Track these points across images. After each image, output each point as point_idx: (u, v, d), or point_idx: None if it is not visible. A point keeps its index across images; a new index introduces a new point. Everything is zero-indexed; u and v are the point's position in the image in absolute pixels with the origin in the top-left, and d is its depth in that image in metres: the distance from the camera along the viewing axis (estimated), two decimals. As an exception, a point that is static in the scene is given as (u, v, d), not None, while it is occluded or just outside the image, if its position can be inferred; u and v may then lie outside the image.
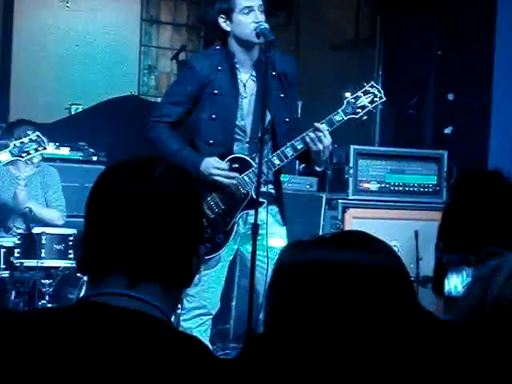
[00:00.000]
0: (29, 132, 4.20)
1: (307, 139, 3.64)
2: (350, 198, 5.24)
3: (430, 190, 5.41)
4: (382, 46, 6.80)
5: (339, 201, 5.21)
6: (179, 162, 3.49)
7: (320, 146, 3.64)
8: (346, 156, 5.34)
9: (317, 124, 3.65)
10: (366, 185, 5.35)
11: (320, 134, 3.63)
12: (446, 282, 1.92)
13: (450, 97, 6.15)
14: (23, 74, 6.83)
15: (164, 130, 3.71)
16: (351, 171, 5.29)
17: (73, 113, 6.60)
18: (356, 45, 6.99)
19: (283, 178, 4.53)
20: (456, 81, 6.14)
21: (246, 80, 3.76)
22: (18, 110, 6.45)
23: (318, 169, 3.84)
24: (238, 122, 3.73)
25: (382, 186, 5.37)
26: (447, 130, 6.14)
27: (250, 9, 3.65)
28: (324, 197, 5.35)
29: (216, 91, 3.70)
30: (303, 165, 5.30)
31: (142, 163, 1.48)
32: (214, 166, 3.64)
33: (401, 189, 5.43)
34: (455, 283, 1.92)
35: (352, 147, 5.28)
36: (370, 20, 6.97)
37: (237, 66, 3.73)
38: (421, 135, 6.33)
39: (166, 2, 7.24)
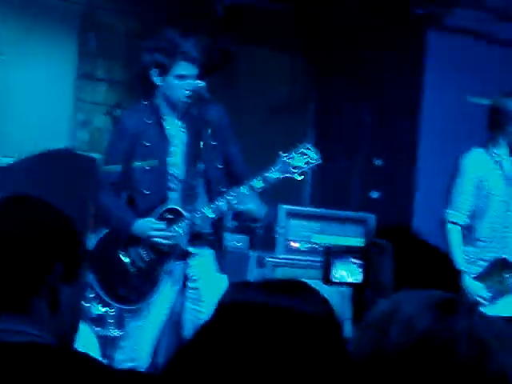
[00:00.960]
0: None
1: (240, 196, 3.71)
2: (279, 256, 5.30)
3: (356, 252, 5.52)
4: (315, 110, 7.00)
5: (268, 259, 5.27)
6: (112, 219, 3.54)
7: (250, 205, 3.71)
8: (275, 215, 5.42)
9: (251, 181, 3.72)
10: (294, 244, 5.43)
11: (252, 192, 3.70)
12: (334, 270, 2.01)
13: (378, 162, 6.33)
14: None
15: (104, 190, 3.77)
16: (281, 230, 5.36)
17: (5, 165, 6.53)
18: (290, 108, 7.17)
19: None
20: (384, 147, 6.34)
21: (175, 131, 3.83)
22: None
23: (252, 225, 3.94)
24: (170, 171, 3.79)
25: (311, 245, 5.45)
26: (374, 195, 6.30)
27: (185, 77, 3.74)
28: (252, 255, 5.39)
29: (147, 144, 3.76)
30: (234, 222, 5.36)
31: (6, 202, 1.60)
32: (151, 228, 3.68)
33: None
34: (341, 273, 2.01)
35: (282, 206, 5.37)
36: (304, 85, 7.16)
37: (164, 117, 3.81)
38: (349, 198, 6.47)
39: (102, 58, 7.30)
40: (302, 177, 3.90)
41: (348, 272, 2.00)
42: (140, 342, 3.69)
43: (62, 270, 1.53)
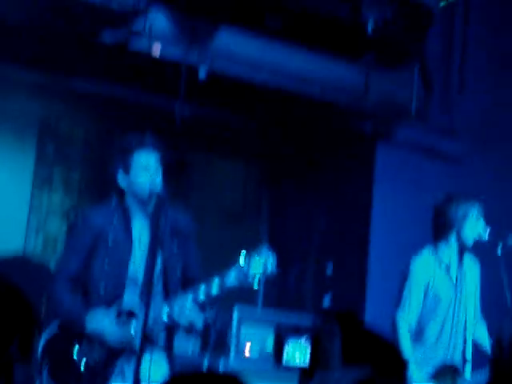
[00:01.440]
0: None
1: (174, 312, 3.75)
2: (231, 364, 5.28)
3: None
4: (268, 217, 7.15)
5: (220, 365, 5.25)
6: (64, 315, 3.55)
7: (184, 320, 3.77)
8: (228, 319, 5.44)
9: (185, 297, 3.77)
10: (247, 350, 5.42)
11: (182, 310, 3.75)
12: (285, 351, 2.05)
13: (329, 267, 6.46)
14: None
15: (60, 284, 3.78)
16: (232, 335, 5.37)
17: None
18: (243, 217, 7.31)
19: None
20: (335, 251, 6.49)
21: (139, 230, 3.90)
22: None
23: (205, 325, 3.96)
24: (130, 273, 3.84)
25: (264, 352, 5.45)
26: (326, 302, 6.39)
27: (146, 167, 3.86)
28: (205, 360, 5.37)
29: (109, 240, 3.82)
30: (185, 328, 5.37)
31: None
32: (106, 323, 3.69)
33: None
34: (290, 351, 2.06)
35: (235, 311, 5.40)
36: (258, 193, 7.34)
37: (130, 219, 3.88)
38: (301, 302, 6.55)
39: (59, 165, 7.41)
40: (258, 286, 3.92)
41: (299, 353, 2.07)
42: None
43: (17, 346, 1.55)
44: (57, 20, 5.03)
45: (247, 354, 5.37)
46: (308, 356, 1.98)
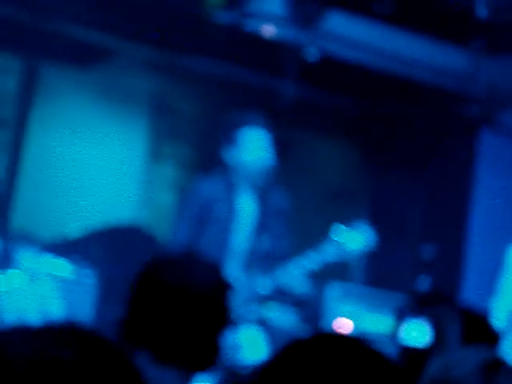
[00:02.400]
0: (51, 260, 4.23)
1: (282, 278, 3.86)
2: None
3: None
4: (369, 199, 7.22)
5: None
6: None
7: (293, 286, 3.86)
8: (323, 293, 5.54)
9: (290, 266, 3.87)
10: (342, 323, 5.53)
11: (291, 276, 3.85)
12: (404, 330, 2.06)
13: (427, 250, 6.48)
14: (28, 196, 7.15)
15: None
16: (327, 310, 5.48)
17: (70, 234, 6.86)
18: (344, 197, 7.39)
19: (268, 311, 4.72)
20: (434, 234, 6.50)
21: (246, 207, 4.02)
22: (18, 226, 6.72)
23: (303, 299, 4.04)
24: (233, 243, 3.98)
25: (357, 327, 5.56)
26: (423, 281, 6.41)
27: (255, 143, 3.96)
28: (302, 333, 5.53)
29: (215, 214, 3.95)
30: (285, 300, 5.53)
31: (188, 263, 1.81)
32: None
33: (373, 333, 5.61)
34: (409, 331, 2.06)
35: (330, 286, 5.49)
36: (359, 174, 7.41)
37: (237, 193, 4.00)
38: (398, 283, 6.60)
39: (171, 139, 7.67)
40: (355, 260, 4.00)
41: (418, 333, 2.04)
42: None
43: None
44: (172, 0, 5.26)
45: (341, 330, 5.48)
46: (427, 337, 2.02)
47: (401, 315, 2.04)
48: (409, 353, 1.99)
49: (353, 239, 3.95)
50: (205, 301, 1.76)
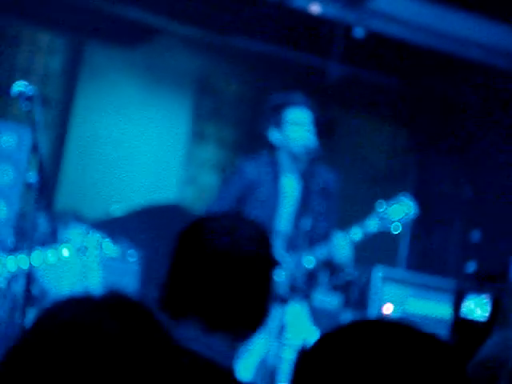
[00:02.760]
0: (99, 235, 4.26)
1: (331, 249, 3.83)
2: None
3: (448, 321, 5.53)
4: (414, 181, 7.12)
5: (360, 320, 5.35)
6: None
7: (342, 257, 3.82)
8: (370, 277, 5.52)
9: (339, 236, 3.84)
10: (386, 308, 5.50)
11: (341, 245, 3.82)
12: (465, 305, 2.01)
13: (476, 235, 6.38)
14: (73, 173, 7.21)
15: None
16: (373, 293, 5.45)
17: (113, 212, 6.90)
18: (388, 179, 7.31)
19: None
20: (482, 219, 6.40)
21: (290, 185, 3.99)
22: (64, 205, 6.78)
23: (342, 279, 4.01)
24: (277, 223, 3.95)
25: (402, 311, 5.51)
26: (471, 268, 6.32)
27: (300, 123, 3.93)
28: (344, 314, 5.49)
29: (259, 195, 3.93)
30: (331, 281, 5.49)
31: (232, 222, 1.70)
32: None
33: (419, 317, 5.56)
34: (470, 306, 2.02)
35: (377, 269, 5.47)
36: (404, 156, 7.31)
37: (282, 174, 3.97)
38: (444, 268, 6.52)
39: (213, 119, 7.67)
40: (399, 230, 3.97)
41: (477, 307, 2.00)
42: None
43: None
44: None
45: (386, 311, 5.44)
46: (488, 312, 1.97)
47: (460, 295, 1.98)
48: (468, 327, 1.93)
49: (396, 210, 3.94)
50: (251, 260, 1.65)
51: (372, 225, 3.92)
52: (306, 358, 1.06)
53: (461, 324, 2.05)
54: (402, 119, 7.06)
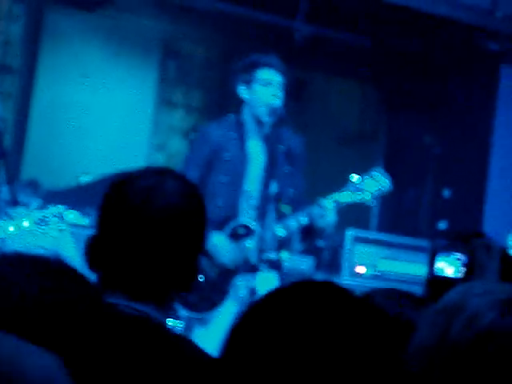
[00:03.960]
0: (59, 206, 4.26)
1: (313, 215, 3.79)
2: (344, 281, 5.36)
3: (423, 280, 5.54)
4: (384, 141, 7.08)
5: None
6: None
7: (325, 222, 3.79)
8: (341, 239, 5.50)
9: (323, 200, 3.80)
10: (360, 269, 5.49)
11: (325, 210, 3.78)
12: (436, 264, 1.99)
13: (446, 193, 6.37)
14: (38, 142, 7.08)
15: None
16: (347, 254, 5.44)
17: (82, 181, 6.80)
18: (359, 139, 7.27)
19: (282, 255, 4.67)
20: (452, 177, 6.38)
21: (255, 149, 3.95)
22: (29, 176, 6.66)
23: (320, 245, 3.99)
24: (245, 187, 3.90)
25: (375, 271, 5.51)
26: (442, 225, 6.33)
27: (269, 82, 3.88)
28: (317, 277, 5.48)
29: (226, 156, 3.89)
30: (302, 244, 5.47)
31: (152, 177, 1.57)
32: (222, 244, 3.79)
33: (392, 277, 5.57)
34: (442, 266, 2.00)
35: (349, 231, 5.45)
36: (374, 116, 7.26)
37: (247, 134, 3.93)
38: (417, 226, 6.51)
39: (181, 85, 7.56)
40: (373, 202, 3.95)
41: (449, 265, 1.99)
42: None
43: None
44: None
45: (359, 271, 5.43)
46: (459, 270, 1.94)
47: (434, 254, 1.95)
48: (442, 285, 1.90)
49: (370, 184, 3.91)
50: (174, 217, 1.52)
51: (345, 196, 3.89)
52: (235, 330, 1.04)
53: (434, 282, 2.02)
54: (371, 79, 7.00)
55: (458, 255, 2.00)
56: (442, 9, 5.59)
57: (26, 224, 4.01)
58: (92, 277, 1.38)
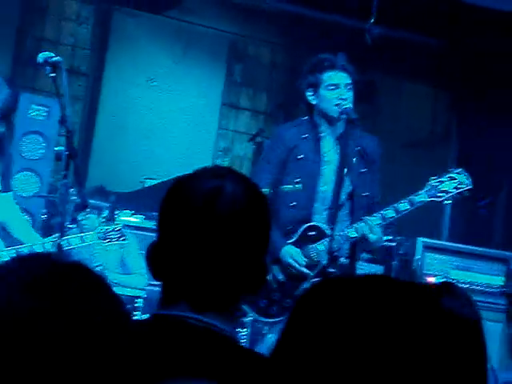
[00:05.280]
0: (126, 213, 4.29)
1: (358, 230, 3.70)
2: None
3: (496, 290, 5.32)
4: (457, 144, 6.88)
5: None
6: None
7: (368, 238, 3.69)
8: (412, 248, 5.34)
9: (367, 218, 3.70)
10: (431, 279, 5.32)
11: (368, 227, 3.67)
12: None
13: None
14: (104, 145, 7.10)
15: None
16: (418, 264, 5.27)
17: (146, 185, 6.79)
18: (430, 142, 7.09)
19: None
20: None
21: (329, 150, 3.86)
22: (95, 178, 6.68)
23: (368, 255, 3.89)
24: (319, 188, 3.82)
25: (447, 280, 5.34)
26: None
27: (336, 86, 3.78)
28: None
29: (300, 157, 3.81)
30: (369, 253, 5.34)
31: (213, 178, 1.46)
32: (292, 256, 3.73)
33: (466, 286, 5.39)
34: None
35: (419, 240, 5.28)
36: (446, 120, 7.07)
37: (320, 135, 3.85)
38: (490, 235, 6.29)
39: (247, 88, 7.49)
40: (450, 201, 3.81)
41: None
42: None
43: None
44: None
45: (431, 279, 5.26)
46: None
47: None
48: None
49: (448, 181, 3.77)
50: (239, 221, 1.42)
51: (422, 196, 3.76)
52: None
53: None
54: (443, 80, 6.81)
55: None
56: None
57: (90, 238, 4.07)
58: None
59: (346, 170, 3.70)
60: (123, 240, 4.26)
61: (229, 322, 1.44)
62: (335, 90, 3.78)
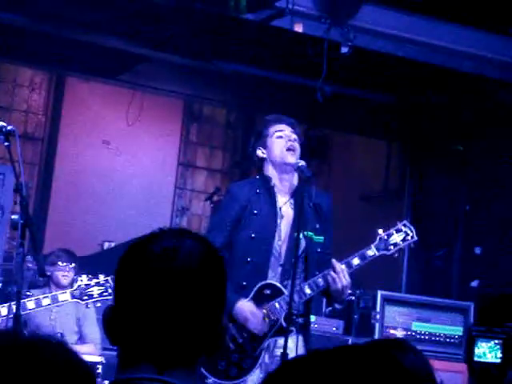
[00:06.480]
0: (100, 276, 4.24)
1: (328, 278, 3.70)
2: (376, 343, 5.22)
3: (456, 341, 5.36)
4: (410, 198, 6.97)
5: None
6: None
7: (339, 286, 3.69)
8: (372, 301, 5.36)
9: (336, 264, 3.71)
10: (392, 331, 5.34)
11: (338, 274, 3.68)
12: (476, 349, 1.93)
13: (477, 250, 6.23)
14: (60, 209, 7.06)
15: None
16: (378, 317, 5.29)
17: (105, 248, 6.74)
18: (384, 196, 7.17)
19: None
20: (483, 235, 6.23)
21: (284, 204, 3.87)
22: (52, 242, 6.61)
23: (337, 306, 3.87)
24: (275, 243, 3.81)
25: (408, 333, 5.36)
26: (474, 283, 6.16)
27: (284, 135, 3.84)
28: (350, 340, 5.32)
29: (255, 211, 3.81)
30: (329, 308, 5.34)
31: (170, 239, 1.47)
32: (250, 311, 3.70)
33: (426, 338, 5.41)
34: (484, 350, 1.94)
35: (379, 293, 5.31)
36: (399, 173, 7.17)
37: (275, 189, 3.87)
38: (447, 286, 6.35)
39: (203, 148, 7.55)
40: (397, 255, 3.87)
41: (489, 351, 1.94)
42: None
43: None
44: (195, 1, 5.09)
45: (392, 334, 5.27)
46: (499, 356, 1.87)
47: (471, 339, 1.87)
48: (484, 371, 1.82)
49: (396, 237, 3.83)
50: (196, 280, 1.42)
51: (372, 250, 3.80)
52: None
53: (476, 368, 1.94)
54: (395, 135, 6.93)
55: (497, 341, 1.94)
56: (467, 64, 5.54)
57: (45, 302, 4.02)
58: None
59: (301, 226, 3.72)
60: (108, 296, 4.18)
61: (192, 381, 1.44)
62: (282, 138, 3.84)
